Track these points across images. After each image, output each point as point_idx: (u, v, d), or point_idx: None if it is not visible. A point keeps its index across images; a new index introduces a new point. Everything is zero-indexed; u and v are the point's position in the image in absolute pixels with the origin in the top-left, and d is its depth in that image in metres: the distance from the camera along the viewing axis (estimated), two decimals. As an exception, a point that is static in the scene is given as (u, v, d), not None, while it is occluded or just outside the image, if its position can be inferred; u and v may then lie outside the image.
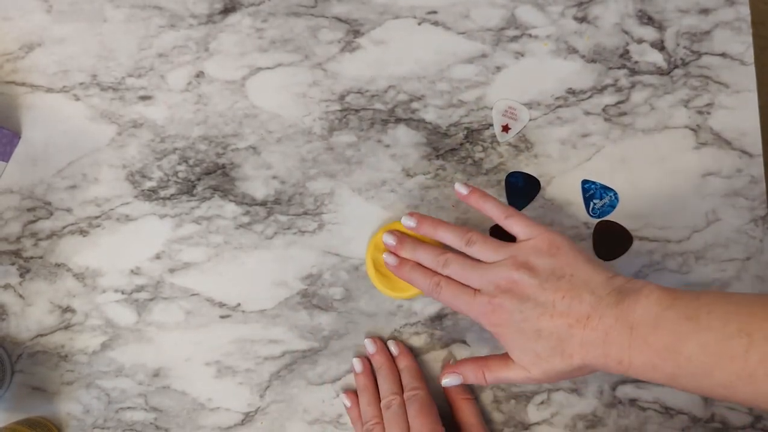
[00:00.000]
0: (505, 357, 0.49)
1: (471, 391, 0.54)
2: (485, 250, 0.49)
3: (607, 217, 0.57)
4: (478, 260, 0.49)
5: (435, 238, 0.52)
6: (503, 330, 0.47)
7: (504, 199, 0.57)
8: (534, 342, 0.46)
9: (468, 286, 0.49)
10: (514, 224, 0.49)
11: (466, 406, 0.53)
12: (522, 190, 0.56)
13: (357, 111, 0.57)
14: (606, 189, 0.56)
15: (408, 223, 0.52)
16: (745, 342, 0.39)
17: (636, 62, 0.58)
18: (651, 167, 0.57)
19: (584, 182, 0.57)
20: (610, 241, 0.56)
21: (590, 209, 0.56)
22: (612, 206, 0.56)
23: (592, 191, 0.56)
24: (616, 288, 0.45)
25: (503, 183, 0.57)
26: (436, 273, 0.51)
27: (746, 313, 0.40)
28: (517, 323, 0.46)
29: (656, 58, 0.58)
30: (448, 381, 0.51)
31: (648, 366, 0.43)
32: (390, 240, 0.53)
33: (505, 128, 0.57)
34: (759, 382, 0.39)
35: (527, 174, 0.57)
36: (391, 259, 0.53)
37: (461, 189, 0.52)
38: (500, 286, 0.47)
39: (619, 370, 0.44)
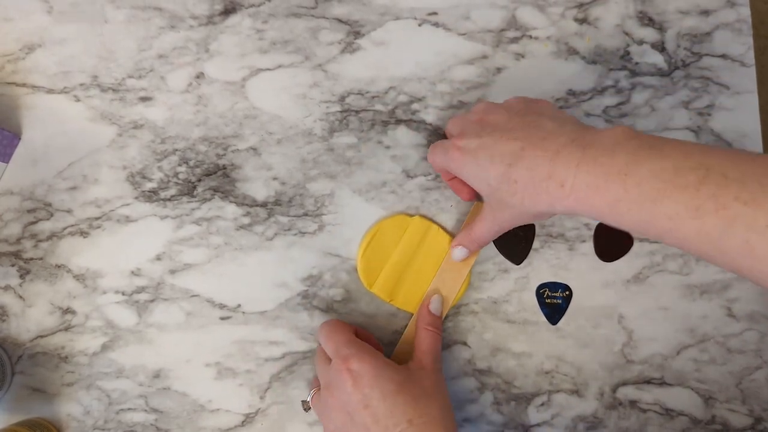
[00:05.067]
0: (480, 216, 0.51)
1: (438, 326, 0.54)
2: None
3: None
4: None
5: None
6: (465, 158, 0.47)
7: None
8: (486, 170, 0.45)
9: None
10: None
11: (426, 335, 0.52)
12: None
13: (357, 112, 0.57)
14: None
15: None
16: (702, 174, 0.37)
17: (637, 63, 0.58)
18: (651, 168, 0.57)
19: None
20: (610, 243, 0.56)
21: None
22: None
23: None
24: (586, 126, 0.44)
25: None
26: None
27: (709, 152, 0.38)
28: (475, 150, 0.46)
29: (657, 59, 0.58)
30: (456, 254, 0.54)
31: (591, 188, 0.40)
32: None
33: None
34: (704, 216, 0.36)
35: None
36: None
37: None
38: (470, 119, 0.48)
39: (558, 200, 0.42)
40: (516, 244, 0.56)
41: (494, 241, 0.56)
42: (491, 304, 0.56)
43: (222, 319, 0.56)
